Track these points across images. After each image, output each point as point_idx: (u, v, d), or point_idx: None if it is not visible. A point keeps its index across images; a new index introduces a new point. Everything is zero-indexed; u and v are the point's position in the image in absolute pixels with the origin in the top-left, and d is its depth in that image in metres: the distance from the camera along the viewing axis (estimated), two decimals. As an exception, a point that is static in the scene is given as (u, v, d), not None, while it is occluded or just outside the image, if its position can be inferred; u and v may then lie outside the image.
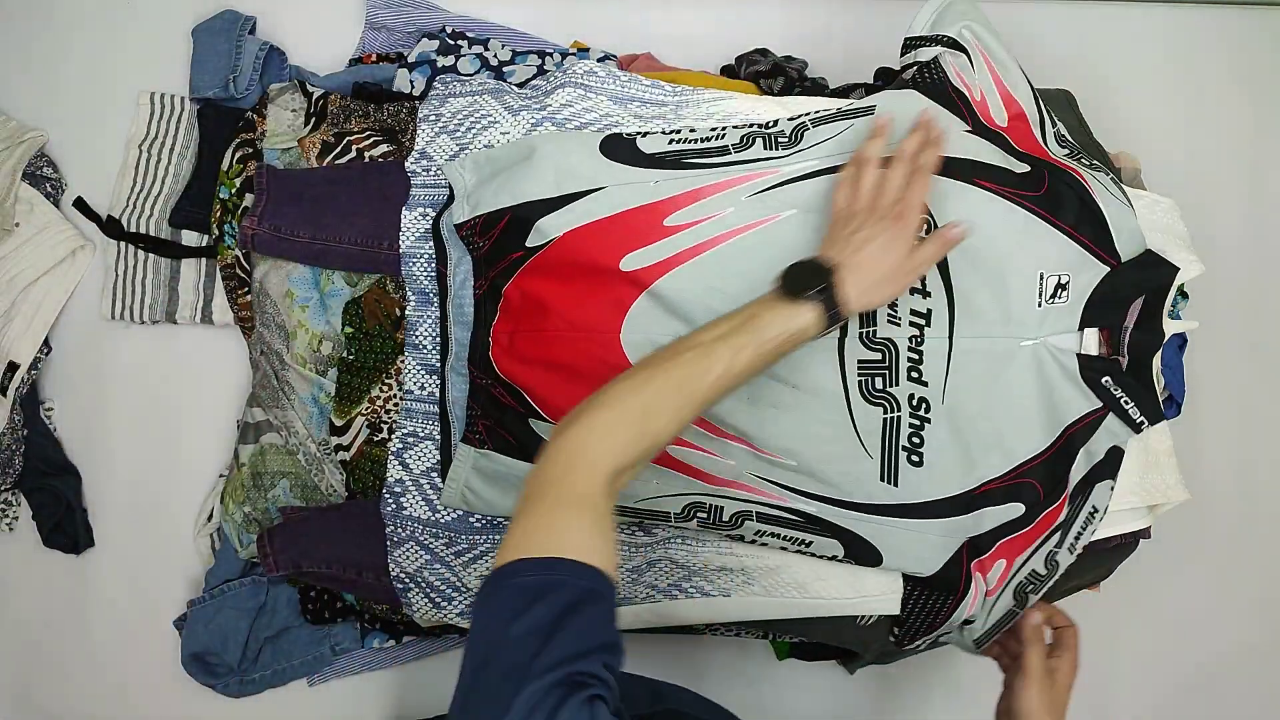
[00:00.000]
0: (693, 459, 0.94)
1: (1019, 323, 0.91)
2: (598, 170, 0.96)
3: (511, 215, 0.96)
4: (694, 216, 0.94)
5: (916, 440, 0.91)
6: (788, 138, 0.97)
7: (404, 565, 1.02)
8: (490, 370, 0.98)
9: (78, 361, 1.24)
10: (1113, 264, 0.92)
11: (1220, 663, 1.32)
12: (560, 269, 0.95)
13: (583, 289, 0.94)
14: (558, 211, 0.95)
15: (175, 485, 1.23)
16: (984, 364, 0.91)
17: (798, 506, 0.93)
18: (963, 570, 0.92)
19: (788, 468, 0.92)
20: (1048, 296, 0.91)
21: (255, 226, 1.07)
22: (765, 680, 1.27)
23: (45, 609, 1.24)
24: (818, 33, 1.29)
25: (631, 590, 1.00)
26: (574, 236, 0.94)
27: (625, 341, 0.92)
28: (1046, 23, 1.31)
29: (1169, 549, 1.24)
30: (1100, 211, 0.92)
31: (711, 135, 0.98)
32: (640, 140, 0.98)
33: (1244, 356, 1.31)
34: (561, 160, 0.96)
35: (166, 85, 1.25)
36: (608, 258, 0.93)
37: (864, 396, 0.91)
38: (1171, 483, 1.00)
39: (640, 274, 0.92)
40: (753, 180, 0.94)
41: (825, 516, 0.93)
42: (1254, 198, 1.32)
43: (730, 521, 0.94)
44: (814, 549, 0.95)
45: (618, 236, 0.94)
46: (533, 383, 0.95)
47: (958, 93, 0.96)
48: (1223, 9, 1.33)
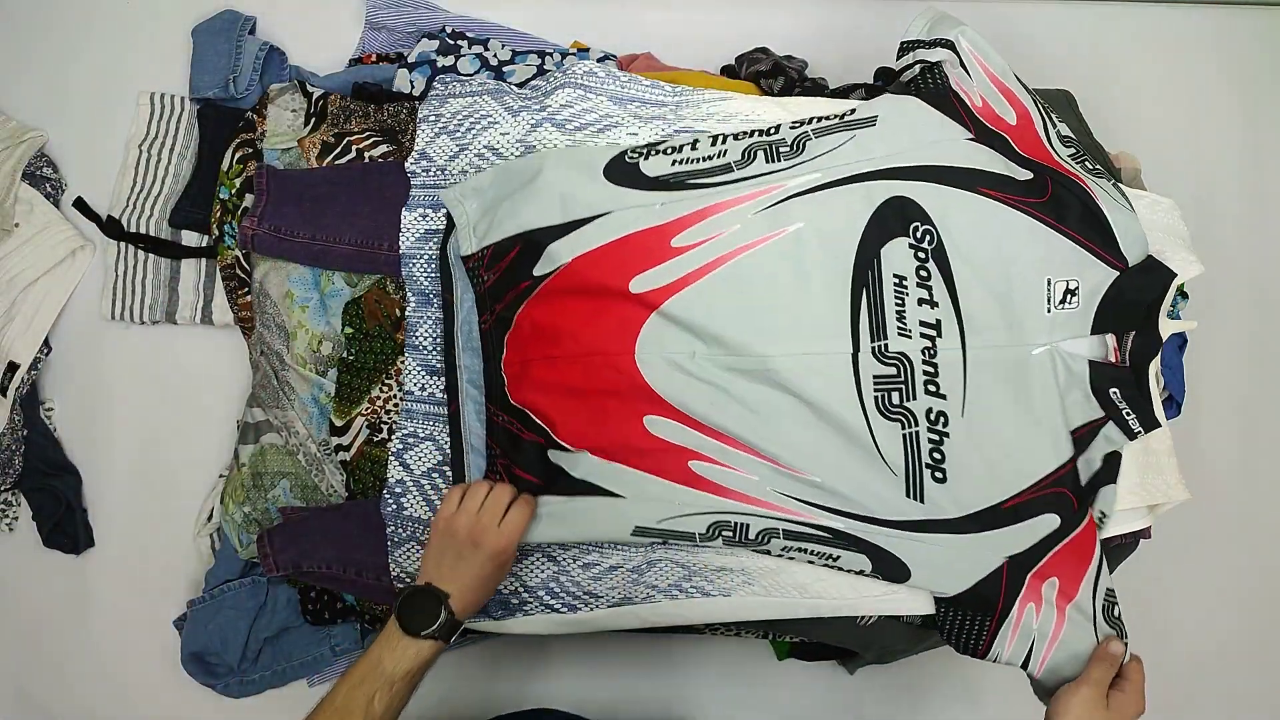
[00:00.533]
0: (714, 474, 0.93)
1: (1028, 329, 0.91)
2: (602, 196, 0.96)
3: (523, 243, 0.96)
4: (701, 236, 0.94)
5: (938, 455, 0.91)
6: (789, 147, 0.97)
7: (405, 565, 1.02)
8: (506, 404, 0.98)
9: (78, 361, 1.24)
10: (1120, 267, 0.92)
11: (1219, 662, 1.32)
12: (569, 294, 0.95)
13: (593, 312, 0.94)
14: (566, 237, 0.95)
15: (175, 485, 1.23)
16: (1000, 373, 0.91)
17: (824, 522, 0.93)
18: (1002, 589, 0.91)
19: (811, 484, 0.92)
20: (1056, 302, 0.92)
21: (255, 227, 1.07)
22: (765, 680, 1.27)
23: (45, 609, 1.24)
24: (818, 33, 1.29)
25: (631, 590, 1.00)
26: (582, 262, 0.95)
27: (640, 360, 0.92)
28: (1045, 23, 1.31)
29: (1169, 549, 1.25)
30: (1104, 216, 0.92)
31: (714, 154, 0.98)
32: (644, 163, 0.98)
33: (1244, 356, 1.31)
34: (566, 188, 0.96)
35: (166, 85, 1.25)
36: (617, 281, 0.93)
37: (881, 412, 0.91)
38: (1171, 483, 1.00)
39: (650, 295, 0.93)
40: (758, 196, 0.94)
41: (852, 532, 0.93)
42: (1253, 197, 1.32)
43: (757, 539, 0.94)
44: (842, 564, 0.94)
45: (626, 259, 0.94)
46: (549, 409, 0.95)
47: (958, 98, 0.96)
48: (1221, 9, 1.33)
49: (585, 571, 1.00)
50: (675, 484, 0.93)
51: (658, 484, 0.93)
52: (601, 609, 1.00)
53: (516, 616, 1.01)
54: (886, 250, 0.92)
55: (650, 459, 0.94)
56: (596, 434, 0.94)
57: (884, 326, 0.91)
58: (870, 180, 0.94)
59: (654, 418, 0.93)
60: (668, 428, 0.93)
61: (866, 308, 0.92)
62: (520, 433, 0.97)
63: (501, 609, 1.01)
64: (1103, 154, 1.05)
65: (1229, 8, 1.33)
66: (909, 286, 0.92)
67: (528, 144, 1.03)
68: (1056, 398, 0.91)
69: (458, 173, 1.05)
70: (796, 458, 0.92)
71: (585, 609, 1.00)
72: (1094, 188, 0.94)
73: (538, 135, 1.03)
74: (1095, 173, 0.97)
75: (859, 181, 0.94)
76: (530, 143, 1.03)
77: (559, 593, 1.00)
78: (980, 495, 0.91)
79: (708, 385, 0.91)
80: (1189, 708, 1.31)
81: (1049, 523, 0.91)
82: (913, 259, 0.92)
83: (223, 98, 1.21)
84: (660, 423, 0.93)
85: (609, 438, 0.94)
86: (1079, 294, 0.92)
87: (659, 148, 0.99)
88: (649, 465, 0.94)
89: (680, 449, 0.93)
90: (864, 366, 0.91)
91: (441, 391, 1.04)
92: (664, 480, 0.93)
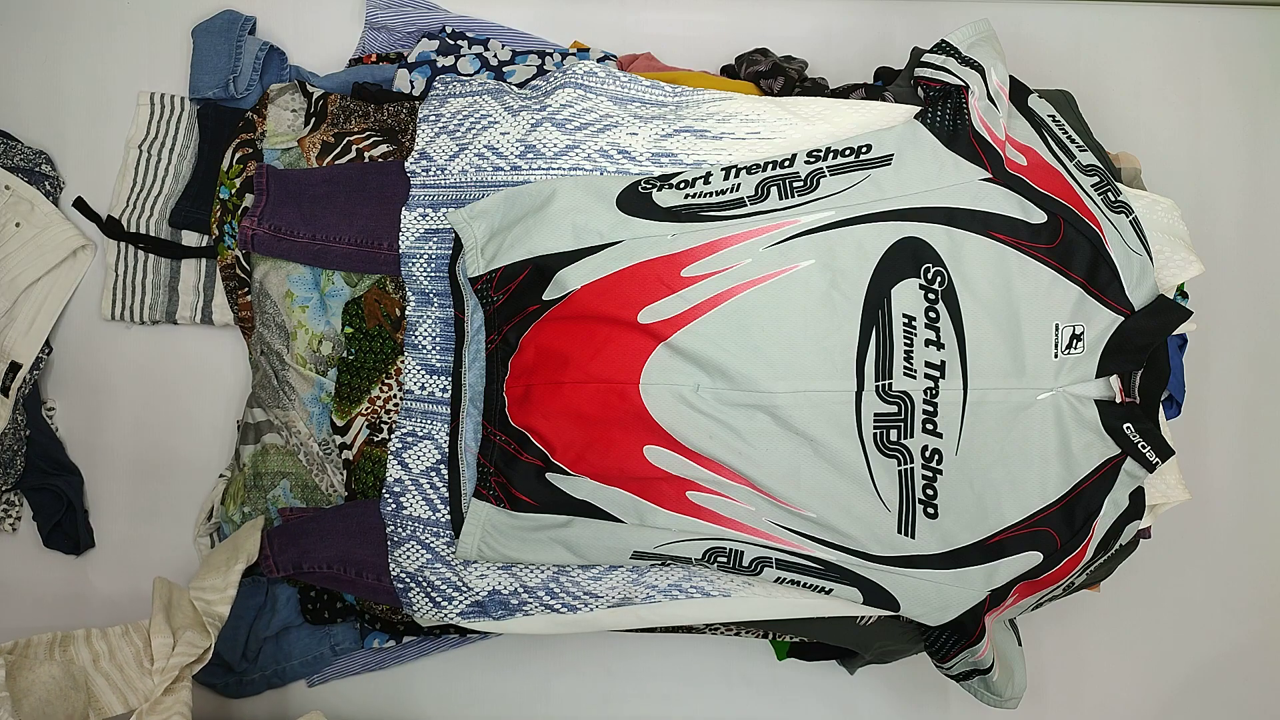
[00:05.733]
0: (712, 503, 0.94)
1: (1035, 374, 0.92)
2: (615, 225, 0.96)
3: (532, 267, 0.97)
4: (712, 268, 0.94)
5: (930, 492, 0.92)
6: (803, 182, 0.96)
7: (404, 565, 1.02)
8: (506, 425, 0.98)
9: (78, 361, 1.24)
10: (1125, 313, 0.93)
11: (1220, 662, 1.32)
12: (577, 321, 0.95)
13: (600, 340, 0.94)
14: (576, 264, 0.95)
15: (175, 485, 1.23)
16: (1000, 415, 0.92)
17: (817, 554, 0.94)
18: (981, 620, 0.94)
19: (806, 518, 0.93)
20: (1064, 347, 0.92)
21: (255, 226, 1.07)
22: (765, 680, 1.27)
23: (45, 609, 1.24)
24: (818, 33, 1.29)
25: (631, 590, 1.00)
26: (591, 290, 0.95)
27: (644, 391, 0.93)
28: (1046, 23, 1.31)
29: (1169, 549, 1.25)
30: (1112, 262, 0.93)
31: (727, 187, 0.97)
32: (656, 194, 0.98)
33: (1243, 356, 1.31)
34: (578, 218, 0.97)
35: (166, 85, 1.25)
36: (625, 310, 0.93)
37: (879, 449, 0.92)
38: (1172, 483, 1.00)
39: (658, 326, 0.93)
40: (771, 231, 0.94)
41: (845, 565, 0.94)
42: (1253, 197, 1.32)
43: (750, 567, 0.95)
44: (834, 595, 0.96)
45: (635, 289, 0.94)
46: (549, 434, 0.95)
47: (979, 138, 0.95)
48: (1221, 9, 1.33)
49: (585, 571, 1.00)
50: (673, 512, 0.94)
51: (656, 511, 0.94)
52: (601, 609, 1.00)
53: (516, 616, 1.01)
54: (897, 290, 0.93)
55: (650, 486, 0.94)
56: (597, 460, 0.94)
57: (890, 366, 0.92)
58: (883, 220, 0.94)
59: (654, 448, 0.93)
60: (667, 458, 0.93)
61: (875, 347, 0.92)
62: (518, 454, 0.97)
63: (501, 609, 1.01)
64: (1103, 154, 1.05)
65: (1229, 8, 1.33)
66: (917, 327, 0.92)
67: (528, 144, 1.03)
68: (1057, 440, 0.92)
69: (458, 172, 1.05)
70: (793, 493, 0.92)
71: (585, 609, 1.00)
72: (1108, 230, 0.94)
73: (538, 135, 1.03)
74: (1117, 207, 0.97)
75: (872, 221, 0.94)
76: (530, 143, 1.03)
77: (559, 593, 1.00)
78: (967, 532, 0.93)
79: (708, 419, 0.92)
80: (1189, 708, 1.31)
81: (1031, 559, 0.93)
82: (923, 300, 0.93)
83: (223, 98, 1.21)
84: (660, 453, 0.93)
85: (609, 464, 0.94)
86: (1084, 339, 0.92)
87: (672, 180, 0.99)
88: (648, 493, 0.94)
89: (679, 479, 0.94)
90: (866, 404, 0.92)
91: (441, 391, 1.04)
92: (662, 508, 0.94)
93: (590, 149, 1.02)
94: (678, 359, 0.93)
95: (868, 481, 0.92)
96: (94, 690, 0.89)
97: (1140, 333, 0.93)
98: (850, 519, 0.93)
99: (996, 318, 0.92)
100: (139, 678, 0.90)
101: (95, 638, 0.91)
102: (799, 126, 1.01)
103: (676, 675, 1.27)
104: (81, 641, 0.91)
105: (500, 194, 1.01)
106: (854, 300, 0.93)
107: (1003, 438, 0.92)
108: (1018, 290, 0.92)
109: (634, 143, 1.02)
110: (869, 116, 1.01)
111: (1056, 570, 0.94)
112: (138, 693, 0.90)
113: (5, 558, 1.23)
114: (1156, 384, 0.95)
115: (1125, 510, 0.95)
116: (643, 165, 1.01)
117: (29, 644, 0.88)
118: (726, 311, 0.93)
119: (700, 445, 0.92)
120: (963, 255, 0.92)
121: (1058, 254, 0.93)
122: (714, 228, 0.95)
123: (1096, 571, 1.02)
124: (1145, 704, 1.31)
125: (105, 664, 0.90)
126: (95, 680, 0.89)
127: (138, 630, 0.92)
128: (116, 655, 0.91)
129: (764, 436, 0.92)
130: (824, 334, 0.92)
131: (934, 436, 0.92)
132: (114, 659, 0.91)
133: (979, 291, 0.92)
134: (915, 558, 0.93)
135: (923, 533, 0.93)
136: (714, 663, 1.27)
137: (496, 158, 1.04)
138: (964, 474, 0.92)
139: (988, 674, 0.96)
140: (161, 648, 0.90)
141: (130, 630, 0.93)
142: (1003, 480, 0.92)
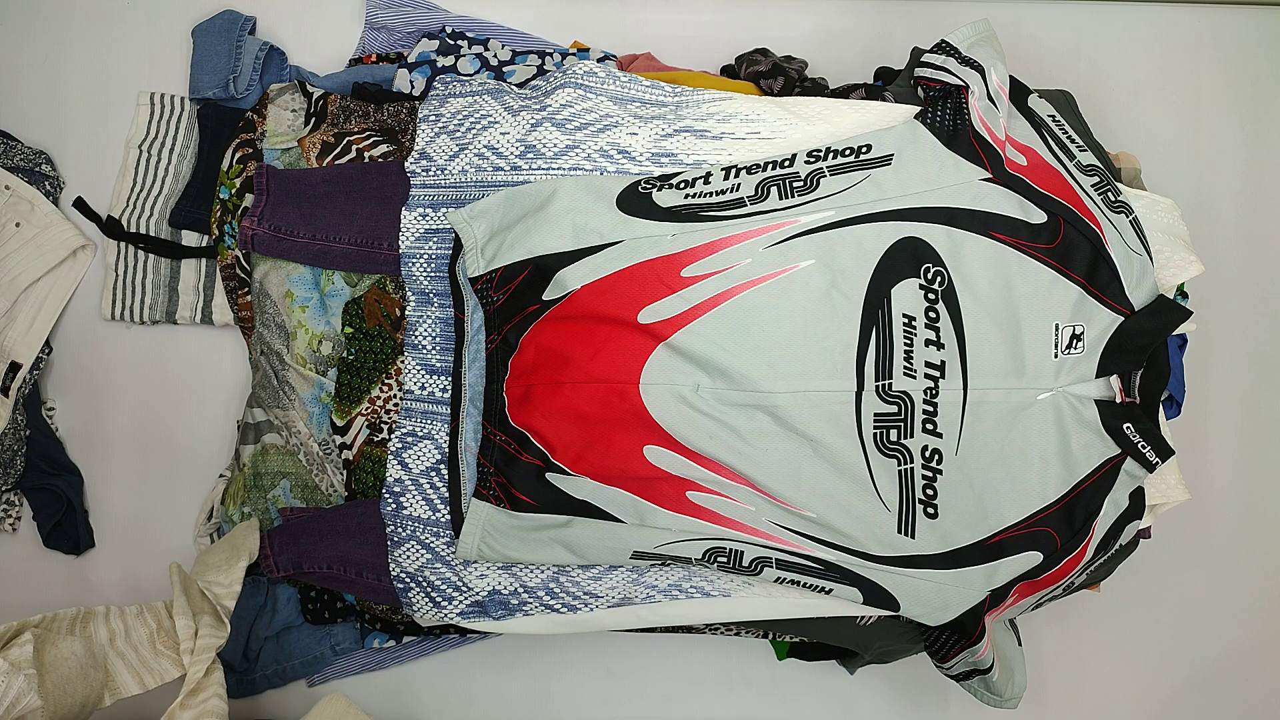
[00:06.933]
0: (712, 503, 0.94)
1: (1035, 374, 0.92)
2: (615, 225, 0.96)
3: (532, 267, 0.97)
4: (712, 267, 0.94)
5: (930, 492, 0.92)
6: (803, 182, 0.96)
7: (405, 565, 1.02)
8: (506, 424, 0.98)
9: (78, 361, 1.24)
10: (1125, 312, 0.93)
11: (1220, 662, 1.32)
12: (577, 321, 0.95)
13: (600, 340, 0.94)
14: (576, 264, 0.95)
15: (175, 485, 1.23)
16: (1000, 415, 0.92)
17: (817, 554, 0.94)
18: (981, 619, 0.94)
19: (806, 518, 0.93)
20: (1064, 347, 0.92)
21: (255, 226, 1.07)
22: (765, 680, 1.27)
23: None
24: (818, 33, 1.29)
25: (631, 590, 1.00)
26: (591, 290, 0.95)
27: (644, 391, 0.93)
28: (1046, 23, 1.31)
29: (1169, 549, 1.25)
30: (1112, 262, 0.93)
31: (727, 187, 0.98)
32: (656, 194, 0.98)
33: (1243, 356, 1.31)
34: (578, 218, 0.97)
35: (166, 85, 1.25)
36: (626, 311, 0.93)
37: (879, 449, 0.92)
38: (1172, 483, 1.00)
39: (658, 326, 0.93)
40: (771, 231, 0.94)
41: (845, 565, 0.94)
42: (1253, 197, 1.32)
43: (750, 567, 0.95)
44: (834, 595, 0.96)
45: (635, 289, 0.94)
46: (549, 434, 0.95)
47: (979, 138, 0.95)
48: (1221, 9, 1.33)
49: (585, 571, 1.00)
50: (673, 512, 0.94)
51: (656, 511, 0.94)
52: (601, 609, 1.00)
53: (516, 616, 1.01)
54: (897, 290, 0.93)
55: (650, 486, 0.94)
56: (597, 460, 0.94)
57: (890, 366, 0.92)
58: (883, 220, 0.94)
59: (654, 448, 0.93)
60: (667, 458, 0.93)
61: (875, 347, 0.92)
62: (517, 453, 0.97)
63: (501, 609, 1.01)
64: (1103, 154, 1.05)
65: (1229, 8, 1.33)
66: (917, 327, 0.92)
67: (528, 144, 1.03)
68: (1057, 440, 0.92)
69: (458, 172, 1.05)
70: (793, 493, 0.93)
71: (585, 609, 1.00)
72: (1108, 230, 0.94)
73: (538, 135, 1.03)
74: (1117, 206, 0.97)
75: (872, 221, 0.94)
76: (530, 142, 1.03)
77: (559, 593, 1.00)
78: (967, 532, 0.93)
79: (708, 419, 0.92)
80: (1189, 708, 1.31)
81: (1031, 559, 0.93)
82: (923, 300, 0.93)
83: (223, 98, 1.21)
84: (660, 453, 0.94)
85: (609, 464, 0.94)
86: (1084, 339, 0.93)
87: (672, 180, 0.99)
88: (648, 493, 0.94)
89: (679, 479, 0.94)
90: (866, 404, 0.92)
91: (441, 390, 1.04)
92: (662, 508, 0.94)
93: (590, 149, 1.02)
94: (678, 359, 0.93)
95: (868, 481, 0.92)
96: (111, 669, 0.88)
97: (1140, 333, 0.93)
98: (850, 519, 0.93)
99: (996, 318, 0.92)
100: (153, 658, 0.90)
101: (114, 615, 0.91)
102: (799, 126, 1.01)
103: (676, 675, 1.27)
104: (101, 619, 0.90)
105: (500, 194, 1.01)
106: (854, 300, 0.93)
107: (1003, 438, 0.92)
108: (1018, 290, 0.92)
109: (634, 143, 1.02)
110: (869, 116, 1.02)
111: (1056, 570, 0.94)
112: (154, 673, 0.89)
113: (5, 558, 1.23)
114: (1156, 384, 0.95)
115: (1125, 510, 0.95)
116: (643, 165, 1.01)
117: (55, 618, 0.87)
118: (726, 311, 0.93)
119: (700, 445, 0.92)
120: (963, 255, 0.93)
121: (1058, 254, 0.93)
122: (714, 228, 0.95)
123: (1096, 571, 1.02)
124: (1145, 704, 1.31)
125: (121, 643, 0.90)
126: (112, 659, 0.89)
127: (151, 611, 0.92)
128: (132, 635, 0.90)
129: (764, 436, 0.92)
130: (824, 334, 0.92)
131: (934, 436, 0.92)
132: (129, 638, 0.90)
133: (979, 291, 0.92)
134: (915, 558, 0.93)
135: (923, 533, 0.93)
136: (714, 663, 1.27)
137: (496, 158, 1.04)
138: (964, 474, 0.92)
139: (988, 674, 0.96)
140: (185, 629, 0.89)
141: (144, 610, 0.92)
142: (1003, 480, 0.92)
